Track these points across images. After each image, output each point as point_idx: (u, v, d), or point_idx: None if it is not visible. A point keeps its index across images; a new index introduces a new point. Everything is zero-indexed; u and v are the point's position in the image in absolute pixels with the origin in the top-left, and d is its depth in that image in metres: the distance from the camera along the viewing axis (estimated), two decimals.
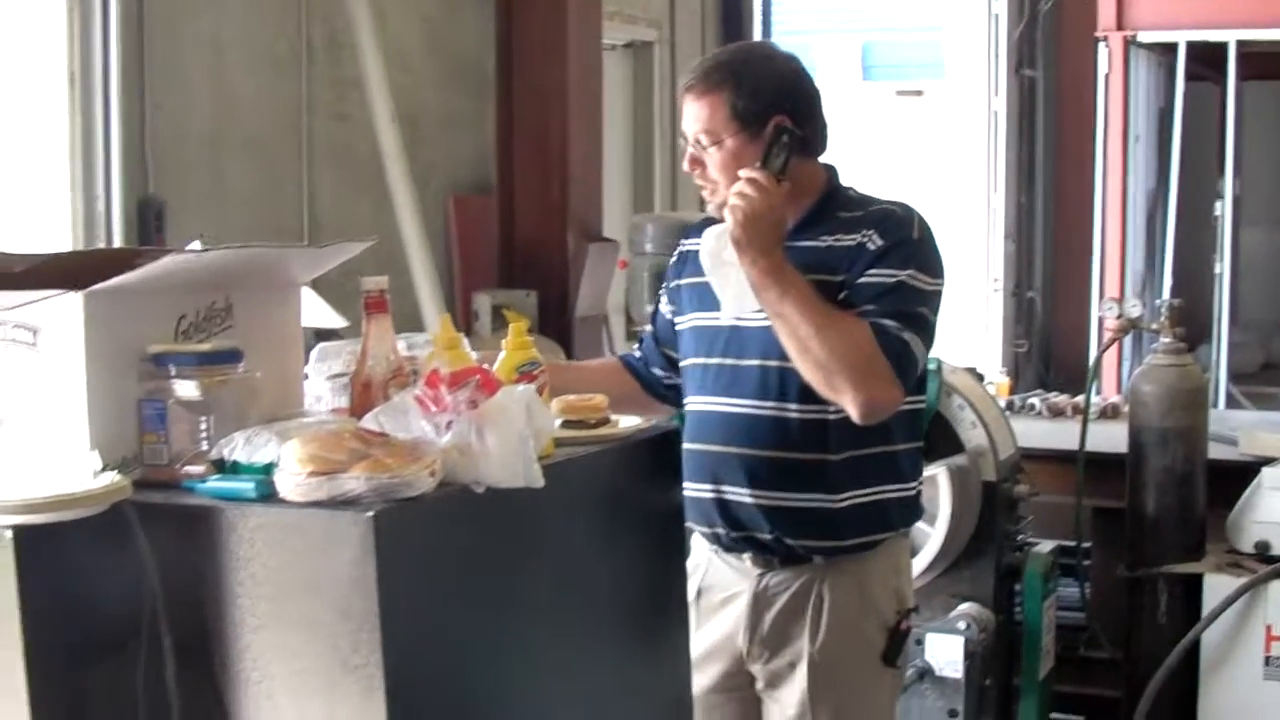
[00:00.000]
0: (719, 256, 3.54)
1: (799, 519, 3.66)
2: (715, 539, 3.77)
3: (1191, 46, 10.49)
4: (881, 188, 3.83)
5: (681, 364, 3.84)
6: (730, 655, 3.80)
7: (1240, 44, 10.36)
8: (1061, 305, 11.68)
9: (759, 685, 3.83)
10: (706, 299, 3.72)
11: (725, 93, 3.57)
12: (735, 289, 3.55)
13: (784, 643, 3.75)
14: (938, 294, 3.62)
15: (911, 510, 3.86)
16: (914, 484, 3.84)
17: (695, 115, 3.61)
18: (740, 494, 3.67)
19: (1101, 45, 10.55)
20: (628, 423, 3.25)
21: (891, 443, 3.71)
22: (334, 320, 3.72)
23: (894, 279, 3.54)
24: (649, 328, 3.99)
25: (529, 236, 6.77)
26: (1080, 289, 10.81)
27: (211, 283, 2.82)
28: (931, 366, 5.34)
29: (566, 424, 3.10)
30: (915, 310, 3.54)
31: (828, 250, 3.60)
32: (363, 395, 2.85)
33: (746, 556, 3.75)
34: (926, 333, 3.58)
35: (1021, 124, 11.73)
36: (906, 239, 3.60)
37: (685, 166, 3.68)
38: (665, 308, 3.94)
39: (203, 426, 2.64)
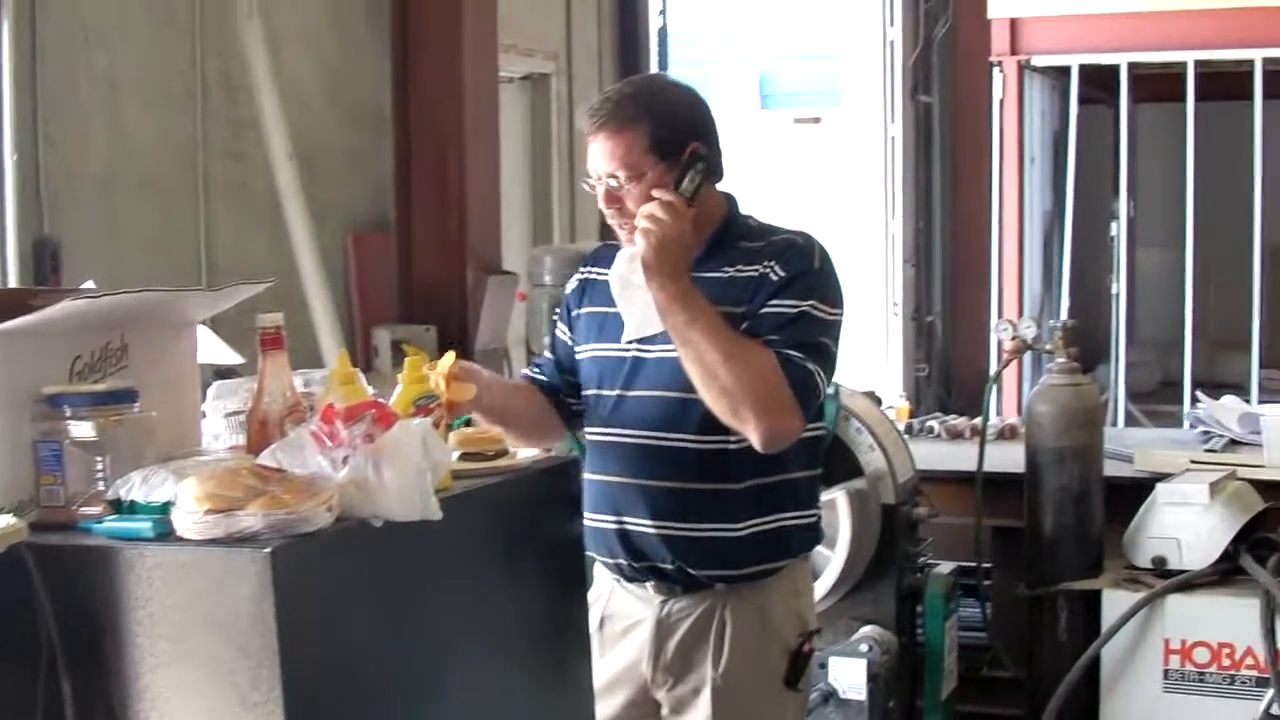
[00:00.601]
0: (628, 279, 3.52)
1: (701, 548, 3.67)
2: (618, 569, 3.77)
3: (1084, 70, 10.62)
4: (781, 216, 3.85)
5: (583, 394, 3.83)
6: (634, 683, 3.80)
7: (1132, 66, 10.50)
8: (961, 328, 11.79)
9: (664, 712, 3.83)
10: (605, 329, 3.73)
11: (643, 125, 3.54)
12: (640, 311, 3.54)
13: (688, 669, 3.75)
14: (838, 324, 3.64)
15: (811, 536, 3.88)
16: (813, 511, 3.86)
17: (610, 152, 3.55)
18: (642, 525, 3.67)
19: (996, 70, 10.67)
20: (526, 454, 3.27)
21: (790, 470, 3.72)
22: (231, 358, 3.71)
23: (796, 310, 3.55)
24: (548, 354, 3.96)
25: (427, 271, 6.77)
26: (979, 312, 10.91)
27: (106, 323, 2.82)
28: (830, 391, 5.38)
29: (464, 456, 3.11)
30: (817, 340, 3.56)
31: (730, 281, 3.61)
32: (259, 432, 2.85)
33: (649, 585, 3.76)
34: (828, 362, 3.59)
35: (918, 149, 11.85)
36: (808, 270, 3.61)
37: (602, 205, 3.63)
38: (564, 334, 3.90)
39: (99, 467, 2.64)
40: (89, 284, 3.43)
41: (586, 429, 3.78)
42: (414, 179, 6.80)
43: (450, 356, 3.30)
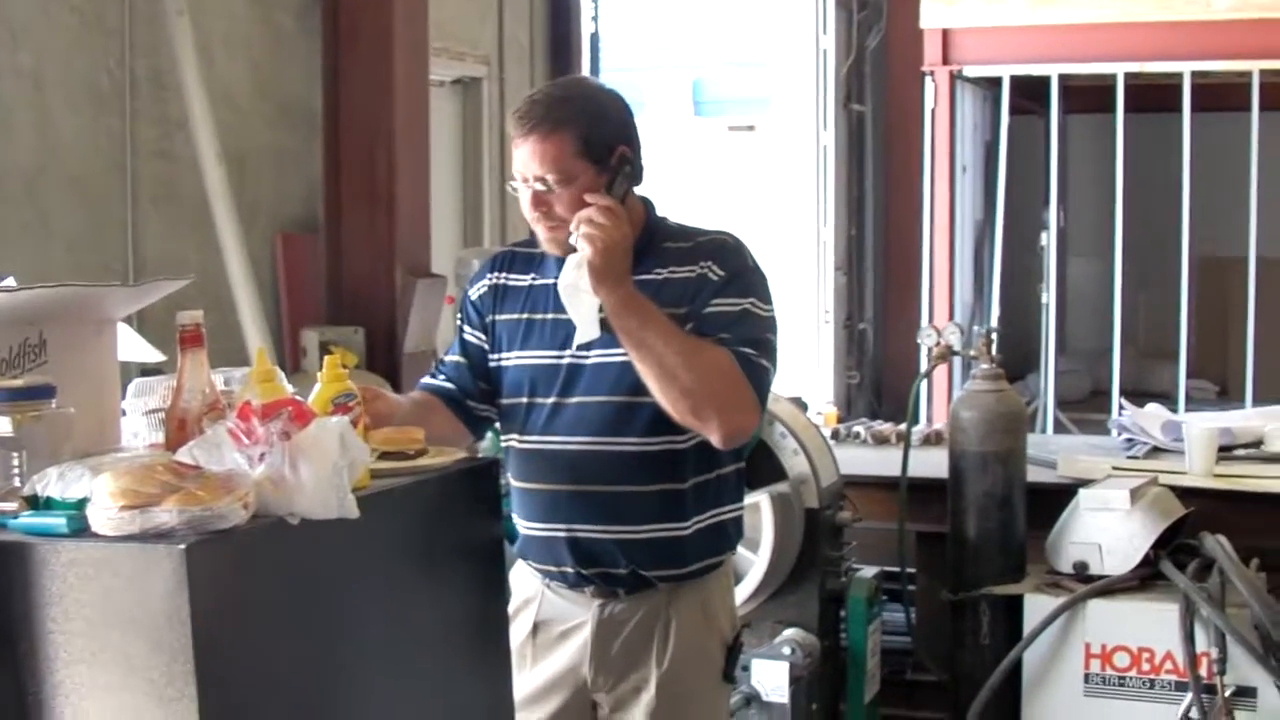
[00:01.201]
0: (577, 286, 3.49)
1: (652, 549, 3.70)
2: (561, 576, 3.77)
3: (1015, 80, 10.71)
4: (714, 222, 3.88)
5: (501, 401, 3.81)
6: (572, 686, 3.81)
7: (1062, 78, 10.60)
8: (892, 336, 11.84)
9: (603, 712, 3.84)
10: (531, 336, 3.73)
11: (574, 129, 3.53)
12: (588, 311, 3.52)
13: (631, 668, 3.78)
14: (775, 321, 3.68)
15: (740, 530, 3.94)
16: (742, 504, 3.91)
17: (541, 155, 3.54)
18: (594, 531, 3.69)
19: (928, 79, 10.74)
20: (445, 455, 3.28)
21: (724, 466, 3.77)
22: (151, 355, 3.70)
23: (739, 307, 3.59)
24: (455, 357, 3.90)
25: (356, 273, 6.76)
26: (910, 319, 10.95)
27: (25, 318, 2.82)
28: None
29: (384, 455, 3.11)
30: (764, 337, 3.61)
31: (664, 283, 3.62)
32: (178, 429, 2.85)
33: (589, 590, 3.77)
34: (774, 359, 3.64)
35: (851, 158, 11.90)
36: (744, 268, 3.66)
37: (527, 209, 3.62)
38: (477, 338, 3.86)
39: (15, 462, 2.64)
40: (9, 281, 3.42)
41: (518, 438, 3.76)
42: (343, 180, 6.79)
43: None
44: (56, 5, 5.55)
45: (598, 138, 3.56)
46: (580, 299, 3.50)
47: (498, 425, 3.90)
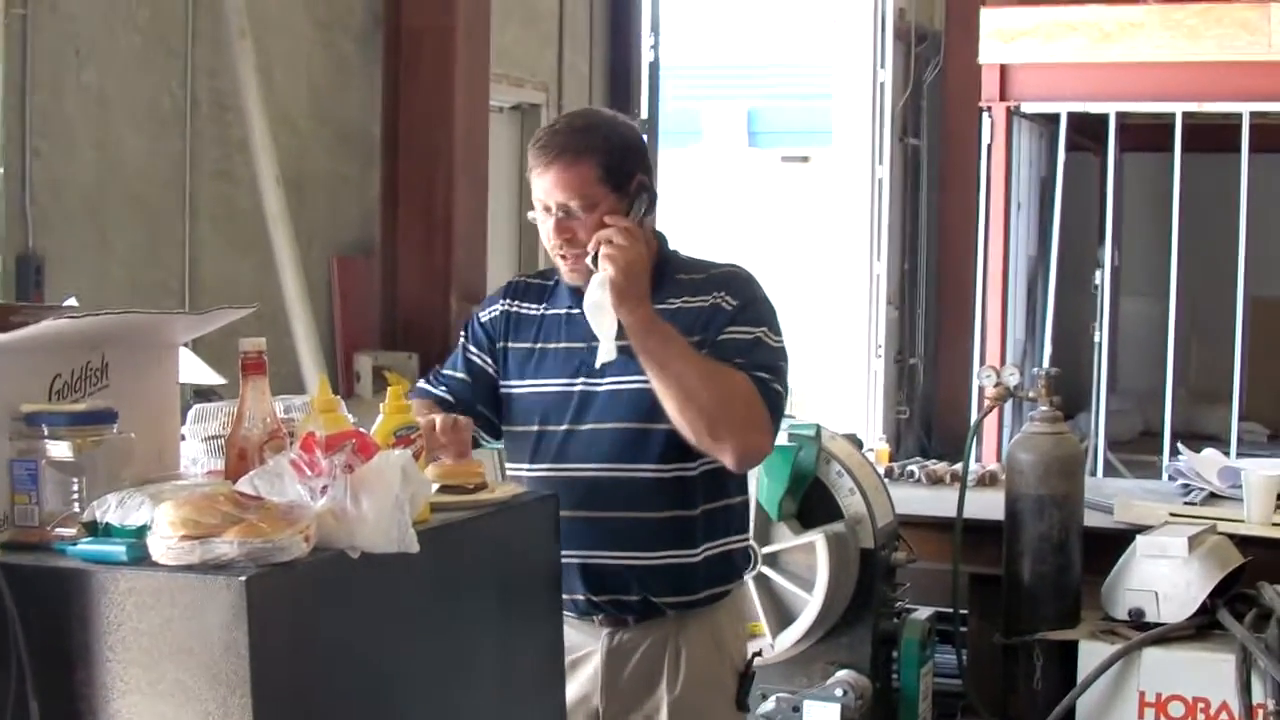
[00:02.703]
0: (601, 304, 3.49)
1: (663, 575, 3.70)
2: (572, 605, 3.74)
3: (1073, 117, 10.64)
4: (767, 254, 3.90)
5: (507, 429, 3.82)
6: (584, 716, 3.79)
7: (1120, 116, 10.52)
8: (943, 373, 11.78)
9: None
10: (544, 365, 3.74)
11: (596, 156, 3.58)
12: (608, 334, 3.53)
13: (643, 696, 3.77)
14: (785, 351, 3.70)
15: (747, 558, 4.00)
16: (745, 535, 3.93)
17: (565, 183, 3.58)
18: (606, 557, 3.69)
19: (985, 115, 10.68)
20: (505, 488, 3.26)
21: (732, 496, 3.80)
22: (211, 378, 3.69)
23: (752, 336, 3.62)
24: (457, 374, 3.88)
25: (411, 298, 6.74)
26: (962, 356, 10.90)
27: (88, 342, 2.80)
28: (810, 433, 5.38)
29: (444, 489, 3.09)
30: (777, 364, 3.64)
31: (677, 312, 3.64)
32: (238, 458, 2.83)
33: (598, 618, 3.77)
34: (786, 386, 3.67)
35: (906, 192, 11.85)
36: (755, 298, 3.70)
37: (551, 237, 3.65)
38: (482, 361, 3.85)
39: (75, 488, 2.61)
40: (71, 301, 3.41)
41: (527, 466, 3.75)
42: (401, 205, 6.78)
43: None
44: (122, 25, 5.56)
45: (618, 165, 3.61)
46: (604, 318, 3.52)
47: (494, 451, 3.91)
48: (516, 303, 3.86)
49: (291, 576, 2.46)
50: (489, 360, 3.85)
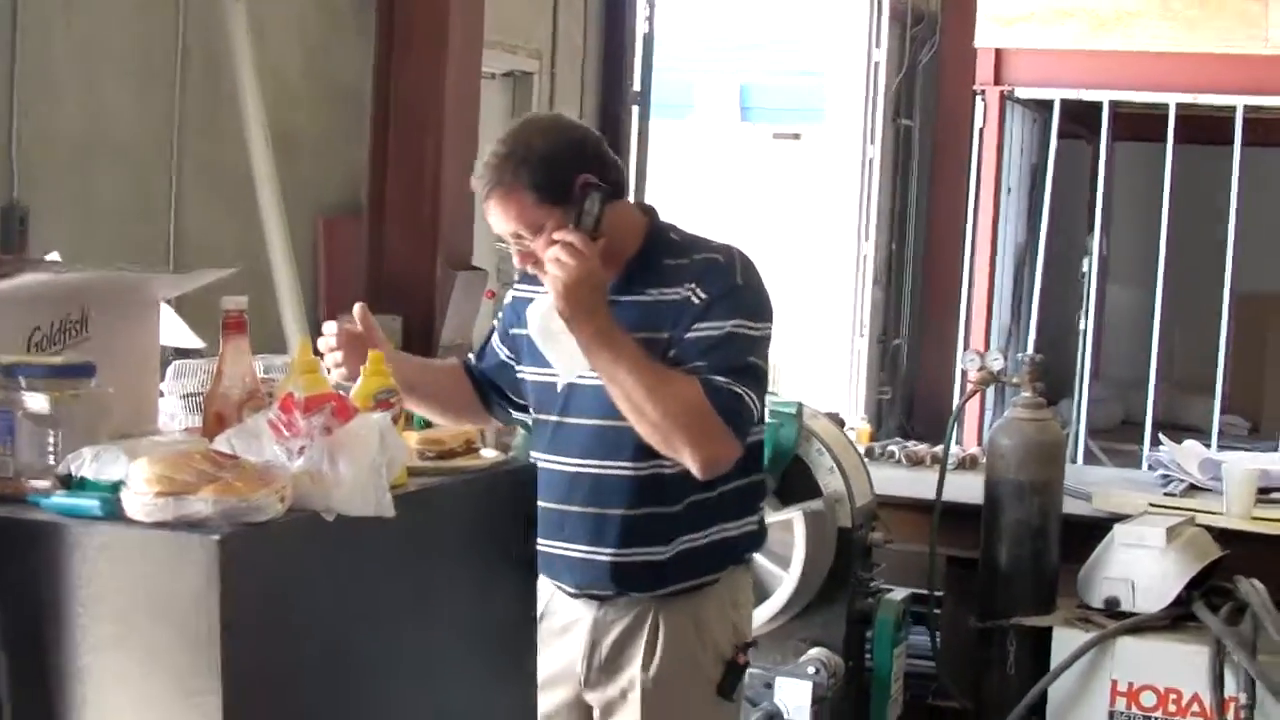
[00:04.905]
0: (548, 328, 3.54)
1: (632, 571, 3.72)
2: (557, 587, 3.82)
3: (1066, 104, 10.63)
4: (754, 229, 3.88)
5: (530, 417, 3.92)
6: (570, 683, 3.83)
7: (1114, 104, 10.51)
8: (927, 354, 11.78)
9: (595, 716, 3.87)
10: (539, 353, 3.74)
11: (522, 181, 3.53)
12: (568, 352, 3.55)
13: (618, 669, 3.79)
14: (766, 338, 3.67)
15: (753, 540, 3.92)
16: (754, 517, 3.89)
17: (505, 214, 3.57)
18: (582, 552, 3.72)
19: (978, 98, 10.67)
20: (486, 455, 3.24)
21: (729, 482, 3.73)
22: (191, 340, 3.66)
23: (721, 331, 3.57)
24: (496, 345, 4.02)
25: (397, 261, 6.71)
26: (946, 339, 10.91)
27: (68, 296, 2.78)
28: (791, 410, 5.37)
29: (423, 455, 3.07)
30: (745, 361, 3.58)
31: (653, 306, 3.63)
32: (216, 416, 2.81)
33: (584, 600, 3.81)
34: (758, 381, 3.62)
35: (896, 172, 11.84)
36: (730, 288, 3.62)
37: (517, 264, 3.69)
38: (503, 352, 3.98)
39: (51, 440, 2.59)
40: (54, 255, 3.39)
41: (531, 453, 3.81)
42: (390, 167, 6.74)
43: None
44: None
45: (550, 180, 3.54)
46: (556, 339, 3.54)
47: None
48: (525, 288, 3.90)
49: (266, 536, 2.45)
50: (507, 348, 3.97)
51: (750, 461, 3.79)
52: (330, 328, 3.74)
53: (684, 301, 3.60)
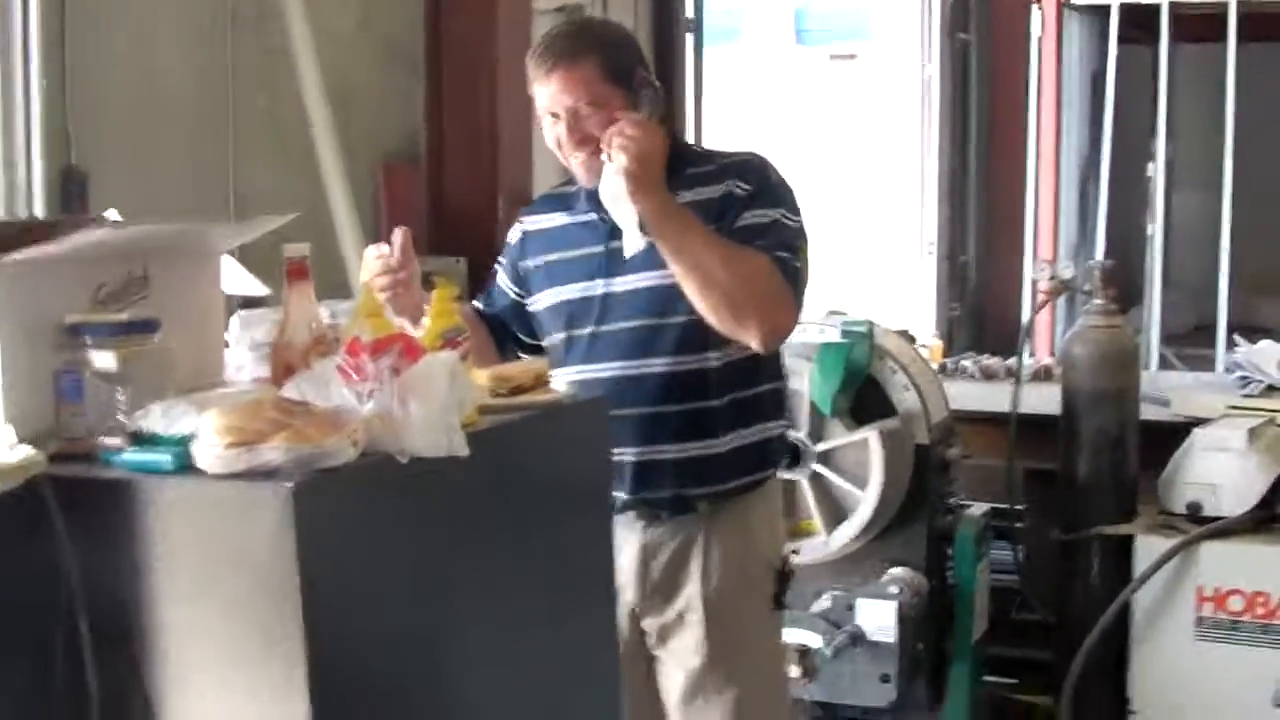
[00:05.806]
0: (617, 194, 3.54)
1: (689, 468, 3.76)
2: None
3: (1124, 9, 10.49)
4: (814, 153, 3.94)
5: (546, 342, 3.94)
6: (620, 612, 3.80)
7: (1173, 6, 10.37)
8: (995, 269, 11.67)
9: (651, 641, 3.91)
10: (565, 273, 3.82)
11: (594, 55, 3.66)
12: (629, 223, 3.57)
13: (675, 590, 3.84)
14: (804, 231, 3.74)
15: (783, 447, 4.02)
16: (782, 421, 3.97)
17: (571, 86, 3.65)
18: (634, 454, 3.75)
19: (1035, 9, 10.56)
20: (556, 389, 3.23)
21: (763, 383, 3.84)
22: (256, 288, 3.65)
23: (769, 218, 3.66)
24: (502, 288, 4.08)
25: (458, 203, 6.69)
26: (1013, 252, 10.81)
27: (128, 252, 2.78)
28: (863, 329, 5.34)
29: (494, 392, 3.06)
30: (796, 243, 3.67)
31: (692, 205, 3.66)
32: (284, 364, 2.80)
33: (632, 514, 3.82)
34: (807, 264, 3.70)
35: (955, 88, 11.73)
36: (770, 182, 3.74)
37: (563, 142, 3.72)
38: (510, 288, 4.04)
39: (120, 397, 2.59)
40: (111, 212, 3.38)
41: (560, 371, 3.80)
42: (446, 110, 6.72)
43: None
44: None
45: (618, 62, 3.69)
46: (622, 207, 3.55)
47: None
48: (534, 218, 4.00)
49: (339, 482, 2.44)
50: (515, 286, 4.02)
51: (777, 366, 3.92)
52: (372, 251, 3.72)
53: (727, 195, 3.69)
